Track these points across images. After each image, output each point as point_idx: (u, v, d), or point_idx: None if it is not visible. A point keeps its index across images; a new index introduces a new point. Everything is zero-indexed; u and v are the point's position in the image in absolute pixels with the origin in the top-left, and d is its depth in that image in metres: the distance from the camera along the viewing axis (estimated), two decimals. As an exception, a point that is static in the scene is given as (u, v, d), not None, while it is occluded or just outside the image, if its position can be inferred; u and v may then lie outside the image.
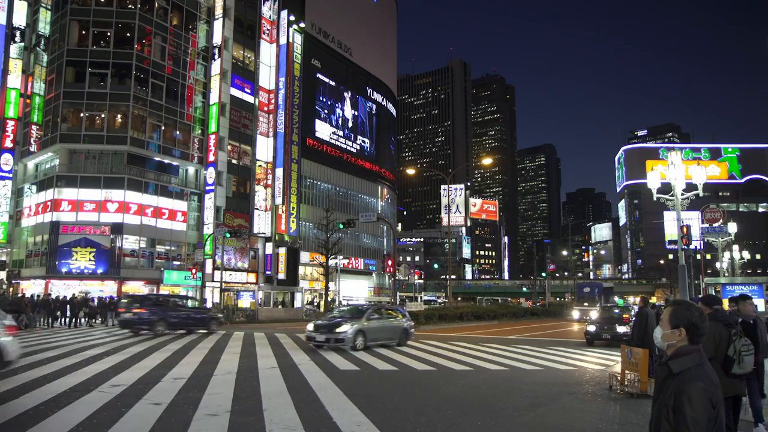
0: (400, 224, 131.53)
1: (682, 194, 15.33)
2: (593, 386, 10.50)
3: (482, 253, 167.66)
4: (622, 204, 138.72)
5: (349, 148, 65.33)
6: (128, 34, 40.97)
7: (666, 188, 15.38)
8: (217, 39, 46.09)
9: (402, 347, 17.07)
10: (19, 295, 31.95)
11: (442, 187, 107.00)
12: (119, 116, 40.74)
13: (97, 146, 40.18)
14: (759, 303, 15.89)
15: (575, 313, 37.59)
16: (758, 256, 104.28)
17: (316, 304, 52.34)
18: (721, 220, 34.93)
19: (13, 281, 40.09)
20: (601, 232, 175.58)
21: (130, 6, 41.90)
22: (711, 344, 5.20)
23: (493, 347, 17.89)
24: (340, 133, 64.03)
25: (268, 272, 48.67)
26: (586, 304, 37.86)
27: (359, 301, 60.29)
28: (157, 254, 41.76)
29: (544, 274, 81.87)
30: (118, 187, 39.40)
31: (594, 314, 32.50)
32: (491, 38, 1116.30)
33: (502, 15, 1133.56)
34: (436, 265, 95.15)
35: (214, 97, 45.23)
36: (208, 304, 39.01)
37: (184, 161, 43.69)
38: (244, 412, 7.48)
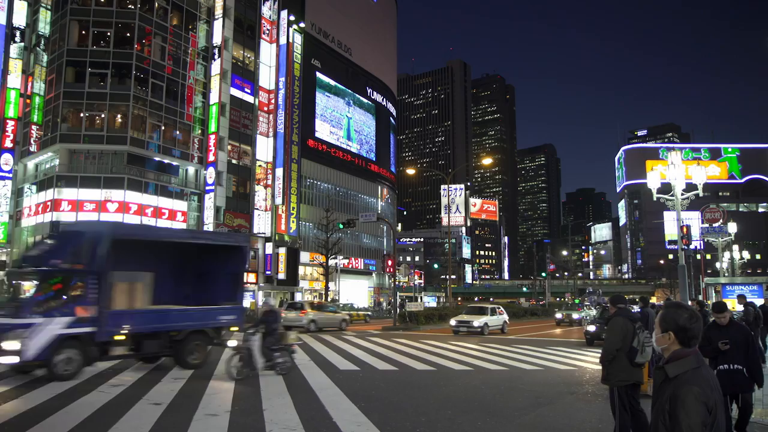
0: (400, 224, 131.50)
1: (682, 194, 15.32)
2: (593, 386, 10.50)
3: (482, 253, 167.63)
4: (622, 204, 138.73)
5: (349, 148, 65.34)
6: (128, 34, 40.93)
7: (666, 188, 15.37)
8: (217, 39, 46.07)
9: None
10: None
11: (442, 187, 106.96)
12: (119, 116, 40.72)
13: (97, 146, 40.16)
14: (760, 303, 15.84)
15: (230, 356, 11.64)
16: (758, 256, 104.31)
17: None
18: (721, 220, 34.94)
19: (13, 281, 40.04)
20: (601, 232, 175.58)
21: (130, 6, 41.88)
22: (619, 337, 5.76)
23: (492, 347, 17.90)
24: (340, 133, 64.04)
25: (268, 272, 48.65)
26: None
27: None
28: (157, 254, 41.66)
29: (544, 274, 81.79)
30: (118, 187, 39.37)
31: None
32: (491, 38, 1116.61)
33: (502, 15, 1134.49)
34: (436, 266, 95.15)
35: (214, 97, 45.21)
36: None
37: (184, 161, 43.67)
38: (244, 412, 7.48)
